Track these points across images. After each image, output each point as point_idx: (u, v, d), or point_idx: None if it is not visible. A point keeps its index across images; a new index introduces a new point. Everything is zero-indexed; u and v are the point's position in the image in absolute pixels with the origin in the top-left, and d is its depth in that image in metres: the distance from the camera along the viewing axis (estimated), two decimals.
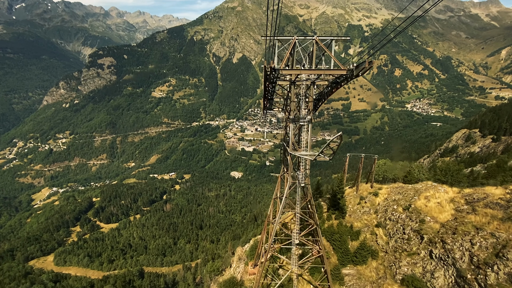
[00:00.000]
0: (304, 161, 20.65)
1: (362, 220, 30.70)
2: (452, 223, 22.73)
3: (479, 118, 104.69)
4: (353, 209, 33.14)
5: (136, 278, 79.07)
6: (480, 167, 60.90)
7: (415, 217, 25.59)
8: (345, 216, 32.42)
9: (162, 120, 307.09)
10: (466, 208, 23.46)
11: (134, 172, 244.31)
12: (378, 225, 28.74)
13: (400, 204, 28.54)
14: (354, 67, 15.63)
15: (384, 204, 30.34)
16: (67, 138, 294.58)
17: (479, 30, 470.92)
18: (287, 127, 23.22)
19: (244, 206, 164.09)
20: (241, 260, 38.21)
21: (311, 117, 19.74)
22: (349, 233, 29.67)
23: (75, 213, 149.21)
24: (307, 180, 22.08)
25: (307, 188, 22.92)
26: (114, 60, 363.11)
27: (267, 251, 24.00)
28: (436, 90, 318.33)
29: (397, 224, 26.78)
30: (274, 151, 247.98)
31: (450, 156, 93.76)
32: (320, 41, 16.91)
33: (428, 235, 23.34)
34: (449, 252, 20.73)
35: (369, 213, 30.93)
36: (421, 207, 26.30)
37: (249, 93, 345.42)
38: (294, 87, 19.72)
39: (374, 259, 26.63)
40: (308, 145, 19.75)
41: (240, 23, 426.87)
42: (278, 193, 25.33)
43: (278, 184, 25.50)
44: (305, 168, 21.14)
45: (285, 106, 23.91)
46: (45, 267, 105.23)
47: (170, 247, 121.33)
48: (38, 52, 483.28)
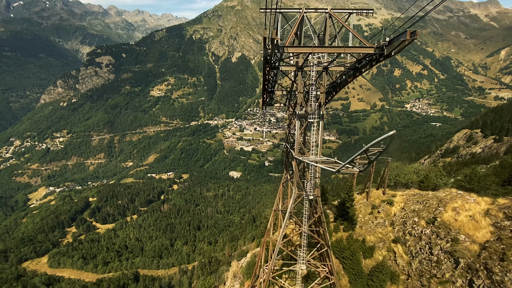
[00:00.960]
0: (313, 168, 17.11)
1: (376, 234, 26.51)
2: (496, 245, 18.45)
3: (480, 118, 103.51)
4: (364, 219, 29.14)
5: (131, 282, 77.16)
6: (483, 168, 59.60)
7: (444, 234, 21.23)
8: (355, 228, 28.44)
9: (160, 119, 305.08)
10: (509, 224, 19.57)
11: (132, 171, 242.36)
12: (396, 241, 24.44)
13: (421, 216, 24.33)
14: (387, 43, 11.84)
15: (401, 215, 26.22)
16: (65, 137, 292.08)
17: (478, 31, 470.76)
18: (290, 125, 19.86)
19: (242, 206, 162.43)
20: (236, 277, 35.28)
21: (323, 113, 16.26)
22: (361, 249, 25.64)
23: (71, 213, 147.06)
24: (317, 191, 18.13)
25: (317, 202, 19.09)
26: (112, 59, 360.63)
27: (267, 273, 20.69)
28: (436, 90, 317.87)
29: (421, 241, 22.47)
30: (273, 151, 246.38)
31: (451, 156, 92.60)
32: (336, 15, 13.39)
33: (465, 259, 19.05)
34: (499, 285, 16.28)
35: (384, 225, 26.73)
36: (449, 221, 22.08)
37: (248, 92, 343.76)
38: (301, 75, 16.06)
39: (393, 283, 22.54)
40: (318, 148, 16.39)
41: (239, 22, 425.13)
42: (280, 205, 21.67)
43: (280, 194, 22.08)
44: (315, 176, 17.27)
45: (289, 100, 20.55)
46: (39, 269, 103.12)
47: (167, 248, 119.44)
48: (36, 50, 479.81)
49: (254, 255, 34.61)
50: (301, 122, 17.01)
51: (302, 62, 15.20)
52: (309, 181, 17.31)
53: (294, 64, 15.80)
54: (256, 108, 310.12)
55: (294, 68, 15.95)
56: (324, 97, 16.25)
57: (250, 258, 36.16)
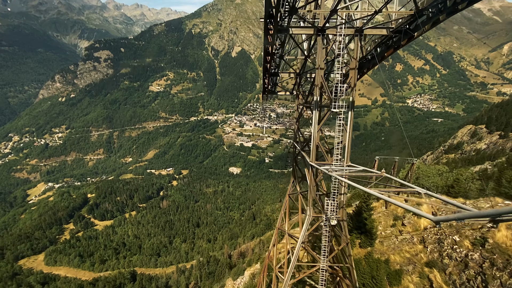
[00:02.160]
0: (339, 181, 11.74)
1: (403, 253, 20.92)
2: None
3: (485, 114, 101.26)
4: (385, 233, 23.80)
5: (127, 281, 75.57)
6: (489, 165, 57.79)
7: (503, 263, 15.26)
8: (374, 243, 23.03)
9: (159, 114, 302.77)
10: None
11: (131, 167, 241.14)
12: (431, 265, 18.61)
13: (463, 233, 18.69)
14: None
15: (434, 231, 20.96)
16: (63, 132, 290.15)
17: (481, 25, 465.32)
18: (300, 118, 14.95)
19: (242, 202, 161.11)
20: None
21: (353, 98, 11.96)
22: (385, 272, 20.15)
23: (69, 210, 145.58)
24: (342, 213, 13.18)
25: (341, 227, 13.98)
26: (110, 53, 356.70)
27: None
28: (437, 85, 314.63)
29: (467, 269, 16.60)
30: (273, 147, 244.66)
31: (455, 153, 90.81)
32: None
33: None
34: None
35: (412, 242, 21.12)
36: (506, 243, 16.45)
37: (248, 87, 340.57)
38: (322, 41, 11.20)
39: None
40: (346, 152, 11.76)
41: (239, 16, 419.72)
42: (286, 224, 16.55)
43: (286, 207, 16.60)
44: (340, 191, 12.32)
45: (299, 84, 15.63)
46: (35, 267, 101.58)
47: (165, 246, 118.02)
48: (33, 45, 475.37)
49: (253, 274, 30.89)
50: (320, 114, 12.43)
51: (323, 22, 10.52)
52: (331, 199, 12.07)
53: (311, 25, 11.09)
54: (256, 103, 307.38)
55: (311, 30, 11.05)
56: (356, 75, 11.69)
57: (248, 277, 32.27)
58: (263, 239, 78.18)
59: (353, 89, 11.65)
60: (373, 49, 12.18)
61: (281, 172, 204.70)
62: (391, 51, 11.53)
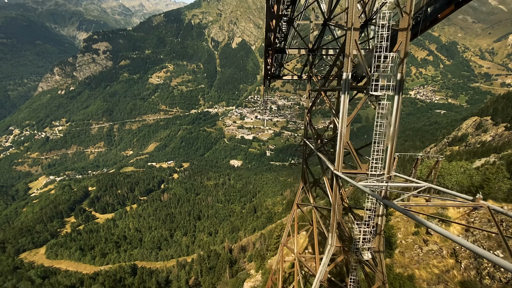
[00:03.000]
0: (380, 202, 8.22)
1: (429, 267, 17.22)
2: None
3: (491, 105, 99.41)
4: (407, 242, 19.96)
5: (128, 275, 75.42)
6: (494, 157, 56.37)
7: None
8: (393, 254, 19.52)
9: (159, 107, 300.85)
10: None
11: (132, 160, 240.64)
12: (466, 285, 15.03)
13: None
14: None
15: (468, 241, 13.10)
16: (64, 125, 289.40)
17: (486, 15, 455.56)
18: (312, 108, 11.59)
19: (243, 195, 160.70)
20: None
21: (403, 75, 8.76)
22: None
23: (70, 203, 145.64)
24: (379, 242, 8.78)
25: (377, 261, 9.35)
26: (109, 45, 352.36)
27: None
28: (441, 76, 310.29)
29: None
30: (274, 139, 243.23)
31: (459, 145, 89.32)
32: None
33: None
34: None
35: (441, 255, 17.35)
36: None
37: (249, 79, 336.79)
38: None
39: None
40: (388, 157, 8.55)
41: (239, 6, 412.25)
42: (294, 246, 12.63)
43: (295, 220, 12.99)
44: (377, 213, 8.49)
45: (311, 64, 11.93)
46: (36, 260, 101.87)
47: (166, 239, 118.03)
48: (32, 37, 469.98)
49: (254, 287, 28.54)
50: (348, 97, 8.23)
51: None
52: (364, 223, 8.40)
53: None
54: (257, 95, 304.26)
55: None
56: (409, 38, 8.28)
57: None
58: (264, 233, 77.68)
59: (403, 60, 8.27)
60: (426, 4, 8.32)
61: (282, 165, 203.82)
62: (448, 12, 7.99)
